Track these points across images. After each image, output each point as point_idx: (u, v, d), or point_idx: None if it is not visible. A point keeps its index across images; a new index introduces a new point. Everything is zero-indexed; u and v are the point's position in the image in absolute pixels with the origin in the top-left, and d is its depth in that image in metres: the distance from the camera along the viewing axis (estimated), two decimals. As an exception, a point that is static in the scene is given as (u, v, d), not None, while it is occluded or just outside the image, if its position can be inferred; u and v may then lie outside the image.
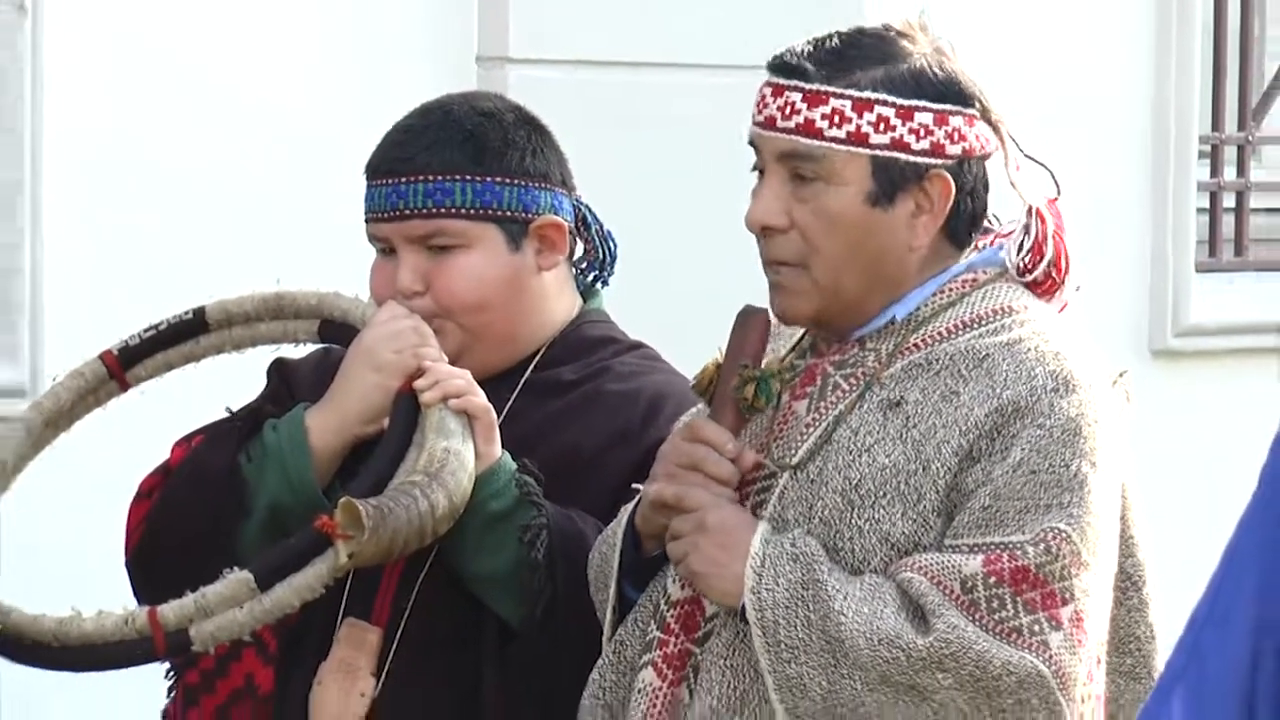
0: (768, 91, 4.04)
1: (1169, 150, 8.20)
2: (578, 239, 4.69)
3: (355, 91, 6.84)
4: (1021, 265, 4.11)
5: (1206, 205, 8.36)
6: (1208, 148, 8.63)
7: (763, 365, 4.05)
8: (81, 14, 6.81)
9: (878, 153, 3.97)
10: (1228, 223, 8.31)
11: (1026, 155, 4.11)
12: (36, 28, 6.69)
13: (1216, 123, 8.68)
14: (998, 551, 3.81)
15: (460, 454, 4.23)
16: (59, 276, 6.70)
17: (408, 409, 4.36)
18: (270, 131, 6.90)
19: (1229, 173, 8.52)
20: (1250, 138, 8.61)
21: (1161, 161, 8.07)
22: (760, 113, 4.06)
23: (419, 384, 4.34)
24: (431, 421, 4.30)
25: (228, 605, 4.22)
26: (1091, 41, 7.75)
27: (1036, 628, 3.78)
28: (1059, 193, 4.17)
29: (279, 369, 4.75)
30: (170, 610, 4.26)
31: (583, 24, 7.05)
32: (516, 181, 4.53)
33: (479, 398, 4.35)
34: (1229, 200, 8.36)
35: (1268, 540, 2.74)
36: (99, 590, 4.56)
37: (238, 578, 4.21)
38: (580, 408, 4.54)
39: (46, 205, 6.74)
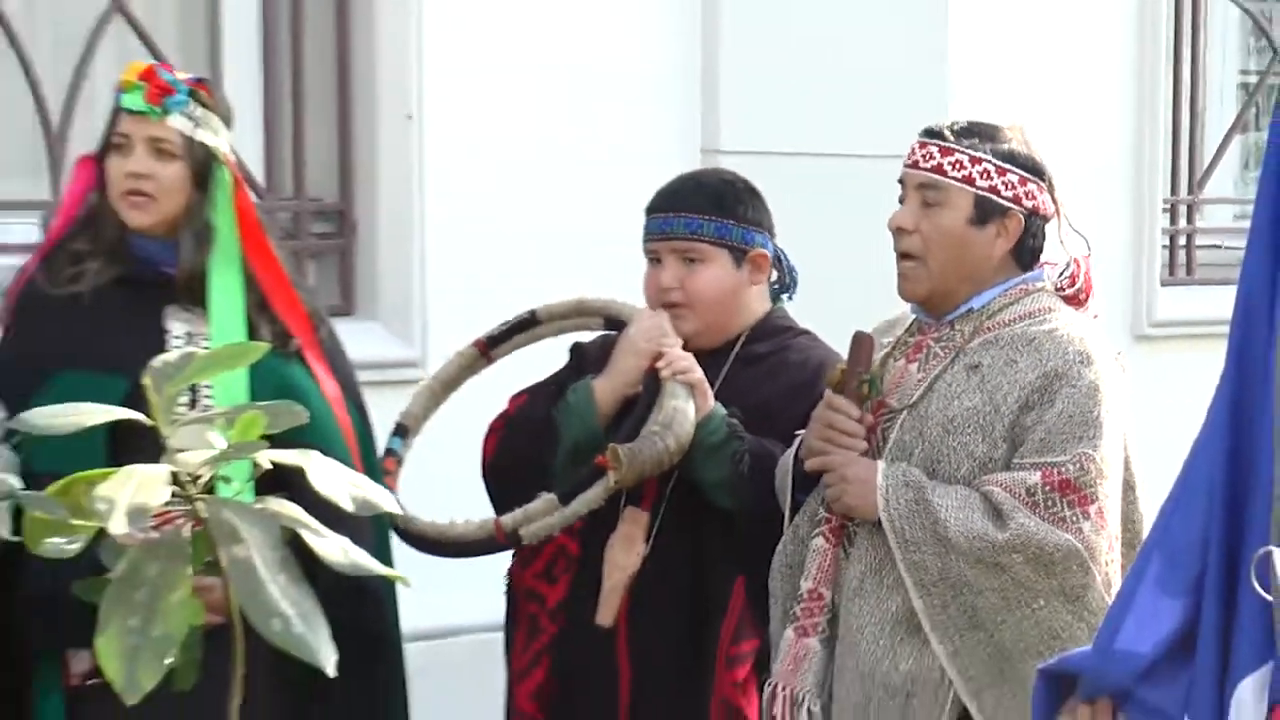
0: (916, 145, 5.22)
1: (1144, 206, 9.09)
2: (773, 268, 5.86)
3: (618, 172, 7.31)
4: (1058, 284, 5.31)
5: (1168, 243, 9.06)
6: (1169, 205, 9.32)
7: (871, 369, 5.15)
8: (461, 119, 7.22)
9: (979, 192, 5.15)
10: (1181, 254, 9.18)
11: (1072, 226, 5.26)
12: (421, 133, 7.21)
13: (1174, 186, 9.43)
14: (1049, 468, 4.97)
15: (685, 410, 5.46)
16: (440, 282, 7.20)
17: (652, 380, 5.60)
18: (578, 194, 7.47)
19: (1182, 222, 9.46)
20: (1196, 199, 9.54)
21: (1139, 214, 8.94)
22: (910, 158, 5.24)
23: (659, 364, 5.57)
24: (667, 389, 5.52)
25: (542, 515, 5.54)
26: (1086, 118, 8.39)
27: (1074, 519, 4.96)
28: (1089, 251, 5.34)
29: (576, 350, 6.04)
30: (507, 519, 5.60)
31: (776, 123, 7.65)
32: (741, 224, 5.75)
33: (697, 373, 5.54)
34: (1182, 240, 9.18)
35: (1214, 455, 3.18)
36: (471, 503, 5.79)
37: (547, 498, 5.56)
38: (769, 373, 5.77)
39: (431, 243, 7.25)
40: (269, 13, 7.23)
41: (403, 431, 5.98)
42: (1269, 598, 3.04)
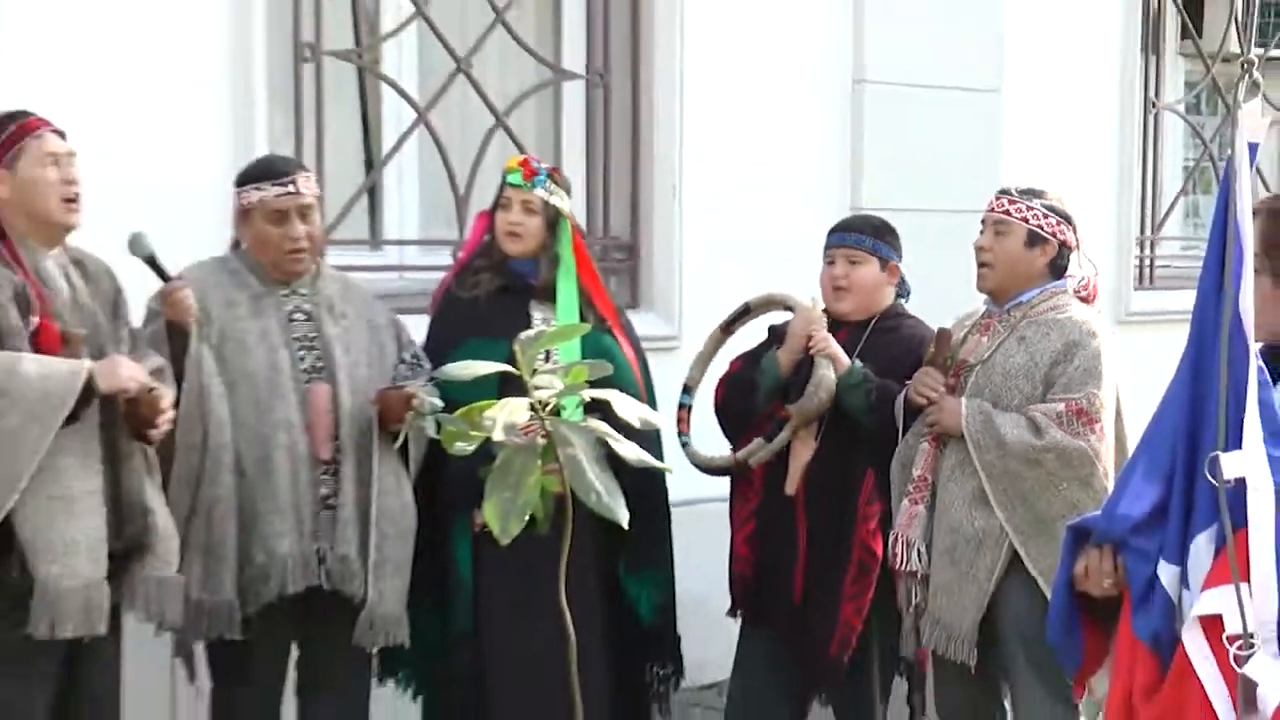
0: (993, 198, 5.33)
1: (1125, 239, 8.99)
2: (900, 278, 5.78)
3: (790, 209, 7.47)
4: (1076, 290, 5.34)
5: (1138, 262, 9.15)
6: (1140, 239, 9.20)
7: (948, 350, 5.26)
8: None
9: (1030, 227, 5.24)
10: (1147, 270, 9.24)
11: (1087, 256, 5.41)
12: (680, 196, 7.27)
13: (1143, 227, 9.26)
14: (1069, 401, 5.03)
15: (828, 374, 5.41)
16: (690, 287, 7.14)
17: (805, 354, 5.52)
18: (769, 222, 7.41)
19: (1148, 249, 9.33)
20: (1156, 236, 9.41)
21: (1122, 244, 8.91)
22: (989, 204, 5.33)
23: (810, 344, 5.51)
24: (817, 361, 5.46)
25: (758, 450, 5.54)
26: (1089, 185, 8.22)
27: (1085, 433, 5.03)
28: (1097, 271, 5.47)
29: (772, 330, 5.85)
30: (741, 453, 5.61)
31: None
32: (886, 245, 5.70)
33: (833, 347, 5.49)
34: (1148, 261, 9.23)
35: (1180, 396, 3.25)
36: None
37: (759, 440, 5.58)
38: (891, 341, 5.62)
39: (686, 264, 7.25)
40: (591, 123, 7.26)
41: (688, 390, 5.94)
42: (1215, 483, 3.06)
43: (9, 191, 4.60)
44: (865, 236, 5.64)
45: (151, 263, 4.91)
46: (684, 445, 5.79)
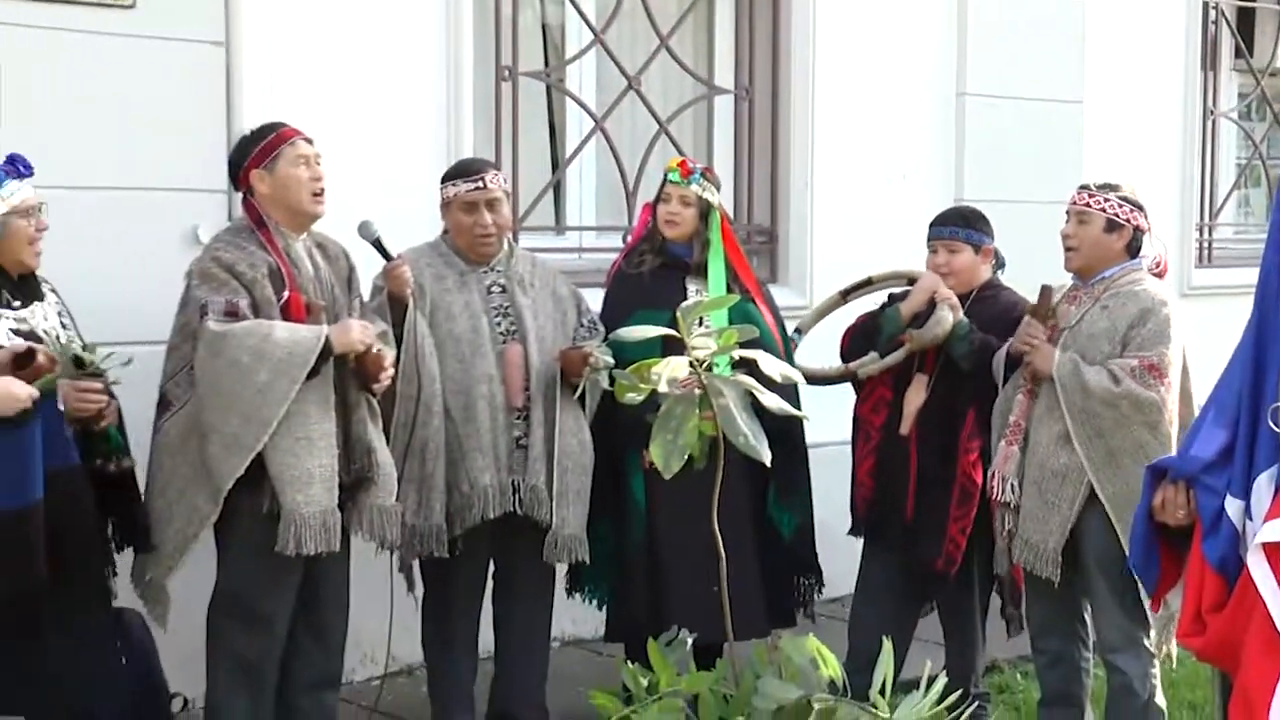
0: (1075, 193, 5.16)
1: (1187, 225, 8.84)
2: (995, 255, 5.62)
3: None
4: (1150, 267, 5.15)
5: (1198, 245, 8.95)
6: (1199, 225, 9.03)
7: (1049, 304, 5.10)
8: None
9: (1109, 216, 5.06)
10: (1205, 251, 9.03)
11: (1158, 238, 5.25)
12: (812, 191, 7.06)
13: (1202, 214, 9.05)
14: (1143, 358, 4.88)
15: (947, 317, 5.29)
16: (820, 264, 7.05)
17: (928, 308, 5.38)
18: (887, 213, 7.31)
19: (1206, 234, 9.08)
20: (1214, 223, 9.20)
21: (1184, 229, 8.78)
22: (1072, 198, 5.15)
23: (936, 295, 5.37)
24: (939, 308, 5.33)
25: (872, 361, 5.43)
26: (1158, 180, 8.16)
27: (1155, 385, 4.88)
28: (1166, 251, 5.32)
29: (890, 297, 5.71)
30: (853, 365, 5.50)
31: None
32: (977, 231, 5.52)
33: (954, 299, 5.35)
34: (1206, 244, 9.04)
35: (1244, 356, 3.08)
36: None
37: (872, 354, 5.47)
38: (988, 307, 5.45)
39: (816, 245, 7.22)
40: (738, 129, 7.21)
41: (799, 331, 5.88)
42: (1276, 430, 3.04)
43: (268, 188, 4.74)
44: (959, 228, 5.51)
45: (378, 245, 4.98)
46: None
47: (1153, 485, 3.36)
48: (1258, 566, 3.08)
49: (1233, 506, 3.17)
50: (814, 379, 5.50)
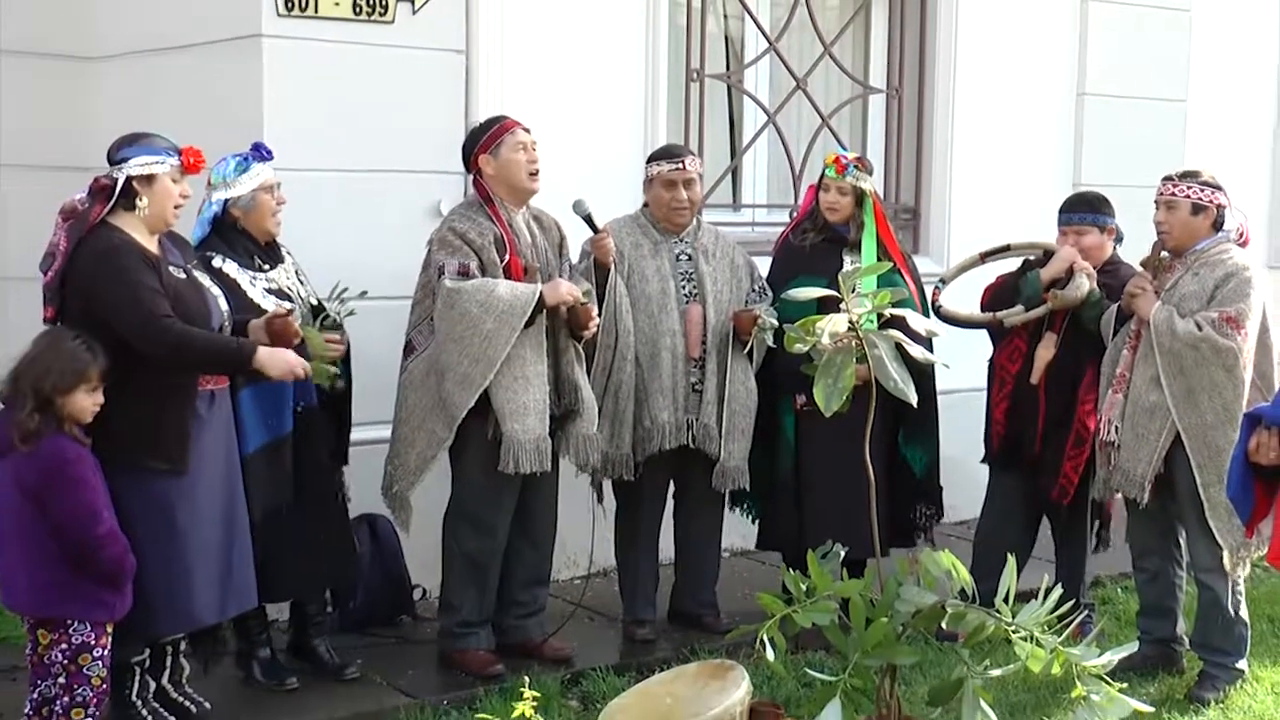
0: (1161, 184, 4.99)
1: (1275, 209, 8.44)
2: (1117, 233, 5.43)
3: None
4: (1234, 238, 4.94)
5: None
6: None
7: (1159, 261, 4.97)
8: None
9: (1194, 200, 4.90)
10: None
11: (1240, 211, 5.02)
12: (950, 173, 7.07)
13: None
14: (1225, 310, 4.77)
15: (1085, 282, 5.15)
16: (956, 237, 6.90)
17: (1068, 273, 5.20)
18: (1013, 190, 7.15)
19: None
20: None
21: (1274, 213, 8.37)
22: (1159, 188, 4.98)
23: (1075, 264, 5.20)
24: (1077, 275, 5.18)
25: (1018, 313, 5.27)
26: (1243, 166, 7.73)
27: (1232, 335, 4.75)
28: (1247, 220, 5.05)
29: (1025, 263, 5.48)
30: (1000, 313, 5.33)
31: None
32: (1101, 214, 5.37)
33: (1091, 269, 5.19)
34: None
35: None
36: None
37: (1017, 309, 5.29)
38: (1112, 278, 5.22)
39: (954, 221, 7.07)
40: (889, 123, 7.07)
41: (943, 281, 5.64)
42: None
43: (493, 170, 4.78)
44: (1086, 214, 5.36)
45: (588, 220, 4.98)
46: (937, 310, 5.51)
47: (1249, 430, 3.25)
48: None
49: (1317, 450, 3.06)
50: (960, 322, 5.43)
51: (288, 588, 4.64)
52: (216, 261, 4.40)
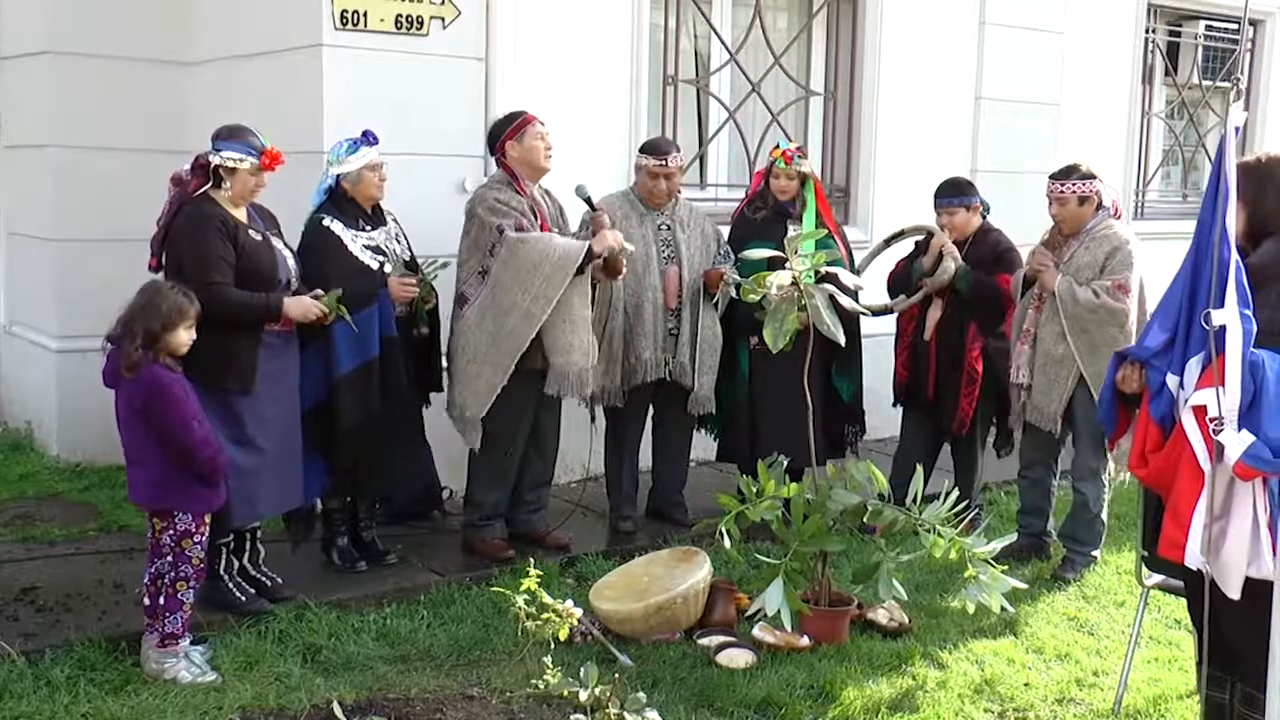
0: (1049, 183, 4.87)
1: (1127, 191, 7.96)
2: (982, 206, 5.26)
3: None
4: (1112, 213, 4.87)
5: (1134, 207, 8.12)
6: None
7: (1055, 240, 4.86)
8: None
9: (1079, 194, 4.82)
10: (1139, 210, 8.16)
11: (1113, 191, 4.90)
12: (875, 157, 6.76)
13: (1139, 181, 8.41)
14: (1116, 279, 4.72)
15: (950, 267, 4.99)
16: (878, 211, 6.74)
17: (939, 256, 5.06)
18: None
19: (1140, 198, 8.25)
20: (1144, 190, 8.35)
21: (1126, 196, 7.92)
22: (1046, 189, 4.87)
23: (942, 250, 5.03)
24: (945, 258, 4.99)
25: (902, 301, 5.17)
26: (1103, 158, 7.61)
27: (1124, 298, 4.74)
28: (1118, 195, 4.95)
29: (916, 245, 5.32)
30: (892, 303, 5.24)
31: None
32: (966, 195, 5.23)
33: (956, 253, 5.02)
34: (1141, 204, 8.15)
35: (1183, 275, 2.96)
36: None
37: (902, 296, 5.19)
38: (983, 246, 5.17)
39: (877, 197, 6.84)
40: (825, 120, 6.94)
41: (858, 272, 5.34)
42: (1206, 328, 2.87)
43: (518, 153, 4.76)
44: (954, 197, 5.25)
45: (587, 201, 4.91)
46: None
47: (1116, 366, 3.23)
48: (1187, 421, 2.98)
49: (1172, 380, 3.04)
50: (874, 312, 5.38)
51: (376, 485, 4.59)
52: (326, 221, 4.39)
